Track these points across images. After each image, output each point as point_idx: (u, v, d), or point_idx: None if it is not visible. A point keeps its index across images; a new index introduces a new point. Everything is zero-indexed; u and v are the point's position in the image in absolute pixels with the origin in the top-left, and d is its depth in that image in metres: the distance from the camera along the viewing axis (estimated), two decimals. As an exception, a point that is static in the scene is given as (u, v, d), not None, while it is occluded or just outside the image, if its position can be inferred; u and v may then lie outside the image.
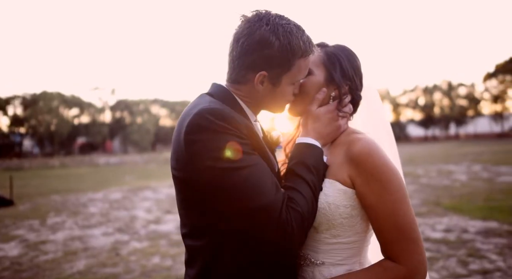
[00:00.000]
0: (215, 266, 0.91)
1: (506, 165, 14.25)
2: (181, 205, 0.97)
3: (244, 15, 0.96)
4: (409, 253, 0.86)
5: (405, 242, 0.87)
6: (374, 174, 0.88)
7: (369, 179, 0.89)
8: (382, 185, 0.88)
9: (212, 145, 0.84)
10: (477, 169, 13.49)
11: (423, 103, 63.59)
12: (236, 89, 1.00)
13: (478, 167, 13.96)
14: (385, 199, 0.87)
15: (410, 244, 0.87)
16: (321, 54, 1.00)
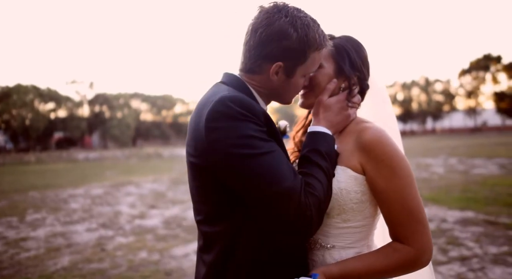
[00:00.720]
0: (233, 251, 0.92)
1: (480, 158, 14.88)
2: (197, 192, 0.99)
3: (262, 6, 0.97)
4: (417, 234, 0.91)
5: (413, 224, 0.91)
6: (384, 161, 0.92)
7: (379, 166, 0.93)
8: (392, 170, 0.92)
9: (233, 132, 0.86)
10: (453, 162, 14.03)
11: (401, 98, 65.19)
12: (249, 79, 1.01)
13: (454, 160, 14.52)
14: (395, 183, 0.92)
15: (418, 226, 0.91)
16: (330, 47, 1.03)
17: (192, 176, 0.98)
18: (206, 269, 0.96)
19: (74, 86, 53.77)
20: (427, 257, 0.92)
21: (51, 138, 52.26)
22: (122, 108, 54.10)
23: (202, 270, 0.99)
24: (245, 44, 0.99)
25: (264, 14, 0.95)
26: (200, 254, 1.02)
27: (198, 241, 1.04)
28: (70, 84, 53.45)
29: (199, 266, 1.02)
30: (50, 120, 50.00)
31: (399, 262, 0.91)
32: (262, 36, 0.94)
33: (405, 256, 0.91)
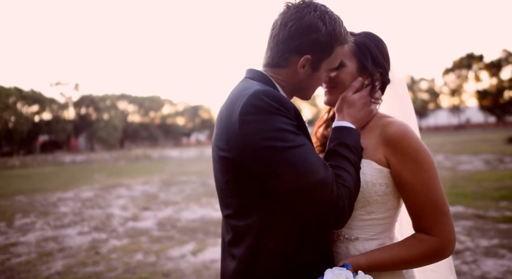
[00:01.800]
0: (264, 244, 0.93)
1: (466, 154, 15.26)
2: (226, 186, 0.99)
3: (289, 2, 1.00)
4: (441, 225, 0.93)
5: (438, 215, 0.94)
6: (410, 154, 0.95)
7: (404, 159, 0.95)
8: (417, 163, 0.94)
9: (267, 125, 0.87)
10: (440, 158, 14.33)
11: (388, 97, 66.06)
12: (274, 74, 1.03)
13: (441, 157, 14.83)
14: (421, 176, 0.94)
15: (443, 217, 0.94)
16: (352, 44, 1.05)
17: (222, 170, 0.98)
18: (237, 262, 0.97)
19: (58, 88, 52.69)
20: (451, 247, 0.94)
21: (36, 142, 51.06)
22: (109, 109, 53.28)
23: (231, 264, 0.99)
24: (273, 38, 1.00)
25: (294, 9, 0.98)
26: (228, 248, 1.02)
27: (225, 236, 1.04)
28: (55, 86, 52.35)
29: (227, 260, 1.02)
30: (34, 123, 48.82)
31: (424, 253, 0.93)
32: (292, 30, 0.96)
33: (431, 247, 0.93)
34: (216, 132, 1.00)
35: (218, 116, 1.03)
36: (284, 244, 0.94)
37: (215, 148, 1.00)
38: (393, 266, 0.95)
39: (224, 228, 1.05)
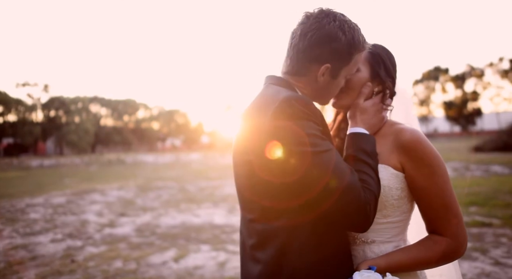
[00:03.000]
0: (291, 247, 0.94)
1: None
2: (252, 191, 0.99)
3: (307, 12, 1.02)
4: (455, 227, 0.98)
5: (451, 218, 0.99)
6: (424, 159, 0.99)
7: (419, 164, 0.99)
8: (432, 169, 0.99)
9: (299, 130, 0.89)
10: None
11: (361, 106, 68.03)
12: (295, 81, 1.05)
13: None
14: (435, 181, 0.99)
15: (456, 220, 0.99)
16: (366, 52, 1.09)
17: (248, 174, 0.99)
18: (262, 266, 0.97)
19: (26, 89, 50.23)
20: (464, 248, 0.99)
21: (-1, 144, 48.25)
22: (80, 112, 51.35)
23: (255, 268, 0.99)
24: (293, 47, 1.03)
25: (314, 19, 1.00)
26: (252, 252, 1.01)
27: (247, 240, 1.04)
28: (21, 87, 49.87)
29: (249, 264, 1.02)
30: (-3, 125, 46.18)
31: (440, 254, 0.98)
32: (312, 39, 0.99)
33: (446, 248, 0.98)
34: (241, 138, 1.01)
35: (243, 123, 1.03)
36: (310, 247, 0.96)
37: (241, 153, 1.01)
38: (410, 267, 0.99)
39: (246, 232, 1.05)
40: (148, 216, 7.30)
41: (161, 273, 4.12)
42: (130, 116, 58.60)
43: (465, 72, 62.37)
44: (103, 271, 4.24)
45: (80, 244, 5.47)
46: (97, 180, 15.02)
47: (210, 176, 14.76)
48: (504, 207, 6.53)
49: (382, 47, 1.14)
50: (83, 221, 7.07)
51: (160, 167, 22.13)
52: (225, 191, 10.40)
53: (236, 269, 4.15)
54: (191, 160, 28.06)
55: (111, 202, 9.15)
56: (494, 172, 11.94)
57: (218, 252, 4.79)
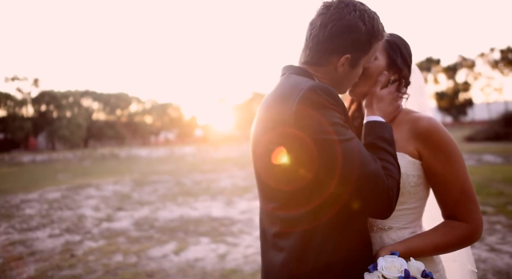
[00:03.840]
0: (315, 234, 0.96)
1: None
2: (276, 179, 0.99)
3: (326, 2, 1.01)
4: (472, 212, 1.00)
5: (468, 203, 1.00)
6: (441, 146, 1.01)
7: (436, 151, 1.01)
8: (448, 155, 1.00)
9: (323, 119, 0.90)
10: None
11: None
12: (314, 71, 1.05)
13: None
14: (452, 167, 1.00)
15: (473, 205, 1.01)
16: (383, 41, 1.09)
17: (270, 162, 0.98)
18: (286, 254, 0.98)
19: (15, 83, 49.31)
20: (480, 232, 1.01)
21: (-11, 140, 47.50)
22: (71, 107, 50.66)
23: (278, 257, 1.00)
24: (312, 38, 1.02)
25: (334, 9, 0.99)
26: (274, 240, 1.02)
27: (269, 229, 1.04)
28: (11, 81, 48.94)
29: (271, 253, 1.03)
30: (-13, 120, 45.40)
31: (458, 238, 1.00)
32: (332, 30, 0.99)
33: (463, 232, 1.00)
34: (263, 127, 1.01)
35: (264, 112, 1.03)
36: (333, 235, 0.97)
37: (264, 142, 1.00)
38: (428, 252, 1.01)
39: (268, 221, 1.05)
40: (145, 210, 7.29)
41: (162, 266, 4.13)
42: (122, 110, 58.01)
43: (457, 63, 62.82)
44: (104, 265, 4.24)
45: (79, 238, 5.45)
46: (91, 175, 14.91)
47: (205, 169, 14.75)
48: (498, 196, 6.66)
49: (399, 36, 1.14)
50: (80, 215, 7.03)
51: (155, 161, 22.04)
52: (221, 184, 10.42)
53: (237, 260, 4.18)
54: (185, 153, 27.97)
55: (107, 197, 9.11)
56: (486, 161, 12.13)
57: (218, 244, 4.82)
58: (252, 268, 3.92)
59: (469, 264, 1.25)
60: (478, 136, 22.37)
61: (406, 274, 0.89)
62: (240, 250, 4.54)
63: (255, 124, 1.08)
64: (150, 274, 3.92)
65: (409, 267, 0.92)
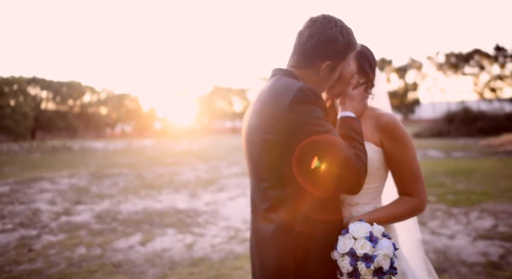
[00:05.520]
0: (299, 208, 1.15)
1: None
2: (267, 163, 1.17)
3: (312, 17, 1.23)
4: (420, 189, 1.27)
5: (418, 183, 1.27)
6: (398, 138, 1.26)
7: (394, 141, 1.26)
8: (404, 145, 1.26)
9: (310, 114, 1.10)
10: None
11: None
12: (300, 73, 1.25)
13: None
14: (406, 154, 1.26)
15: (421, 184, 1.27)
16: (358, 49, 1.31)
17: (265, 150, 1.17)
18: (275, 225, 1.17)
19: (-52, 67, 44.25)
20: (425, 205, 1.29)
21: None
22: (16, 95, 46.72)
23: (268, 227, 1.19)
24: (300, 46, 1.24)
25: (319, 23, 1.21)
26: (265, 214, 1.20)
27: (260, 205, 1.23)
28: None
29: (262, 225, 1.21)
30: None
31: (409, 210, 1.26)
32: (318, 41, 1.21)
33: (414, 205, 1.26)
34: (259, 119, 1.19)
35: (259, 106, 1.21)
36: (315, 208, 1.16)
37: (258, 132, 1.18)
38: (387, 221, 1.26)
39: (260, 198, 1.23)
40: (106, 203, 7.12)
41: (129, 257, 4.14)
42: (75, 100, 54.59)
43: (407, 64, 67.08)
44: (67, 258, 4.16)
45: (35, 233, 5.23)
46: (42, 168, 14.04)
47: (167, 162, 14.54)
48: (439, 186, 7.41)
49: (367, 47, 1.39)
50: (34, 210, 6.69)
51: (112, 154, 21.19)
52: (184, 177, 10.39)
53: (205, 249, 4.31)
54: (144, 146, 27.16)
55: (63, 190, 8.71)
56: (430, 156, 13.29)
57: (184, 235, 4.90)
58: (220, 256, 4.07)
59: (416, 233, 1.52)
60: (424, 133, 24.27)
61: (371, 234, 1.12)
62: (207, 240, 4.66)
63: (250, 117, 1.26)
64: (117, 264, 3.92)
65: (373, 229, 1.15)
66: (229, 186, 8.62)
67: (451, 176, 8.59)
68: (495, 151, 14.07)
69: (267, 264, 1.20)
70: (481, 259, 3.60)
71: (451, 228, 4.70)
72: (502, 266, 3.40)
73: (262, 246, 1.22)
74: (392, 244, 1.13)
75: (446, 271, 3.37)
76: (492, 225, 4.73)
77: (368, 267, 1.08)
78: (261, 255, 1.23)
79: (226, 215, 5.92)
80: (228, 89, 63.18)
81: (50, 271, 3.80)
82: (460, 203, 5.97)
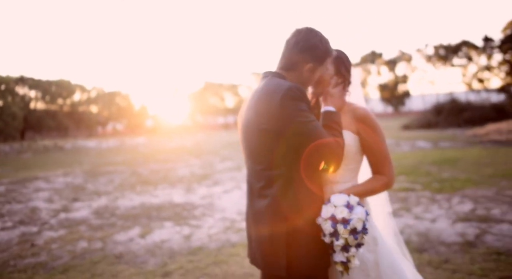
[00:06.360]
0: (289, 185, 1.39)
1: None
2: (262, 148, 1.42)
3: (298, 28, 1.50)
4: (389, 169, 1.55)
5: (387, 163, 1.56)
6: (371, 127, 1.55)
7: (368, 130, 1.54)
8: (376, 133, 1.54)
9: (298, 108, 1.36)
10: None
11: (305, 88, 70.69)
12: (287, 75, 1.51)
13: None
14: (377, 140, 1.54)
15: (389, 164, 1.56)
16: (332, 56, 1.57)
17: (261, 138, 1.42)
18: (269, 199, 1.41)
19: None
20: (393, 181, 1.56)
21: None
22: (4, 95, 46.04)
23: (263, 202, 1.43)
24: (288, 51, 1.52)
25: (303, 33, 1.49)
26: (260, 191, 1.45)
27: (256, 184, 1.47)
28: None
29: (257, 201, 1.46)
30: None
31: (380, 185, 1.55)
32: (302, 47, 1.49)
33: (384, 182, 1.55)
34: (254, 113, 1.44)
35: (255, 102, 1.45)
36: (302, 185, 1.41)
37: (255, 122, 1.43)
38: (363, 195, 1.52)
39: (256, 178, 1.47)
40: (104, 199, 7.27)
41: (130, 249, 4.33)
42: (64, 99, 53.99)
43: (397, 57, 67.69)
44: (69, 252, 4.33)
45: (36, 229, 5.38)
46: (35, 168, 14.06)
47: (161, 159, 14.67)
48: (425, 175, 7.73)
49: (342, 52, 1.65)
50: (32, 208, 6.82)
51: (105, 152, 21.21)
52: (179, 172, 10.56)
53: (202, 239, 4.52)
54: (137, 144, 27.17)
55: (59, 189, 8.83)
56: (418, 146, 13.66)
57: (181, 227, 5.11)
58: (217, 245, 4.29)
59: (386, 207, 1.77)
60: (413, 125, 24.74)
61: (348, 203, 1.39)
62: (204, 231, 4.88)
63: (246, 111, 1.51)
64: (119, 255, 4.11)
65: (350, 199, 1.41)
66: (224, 180, 8.83)
67: (437, 165, 8.93)
68: (480, 140, 14.51)
69: (262, 232, 1.43)
70: (459, 239, 3.89)
71: (434, 212, 4.99)
72: (477, 245, 3.69)
73: (258, 218, 1.46)
74: (364, 210, 1.40)
75: (426, 251, 3.64)
76: (471, 208, 5.04)
77: (345, 228, 1.35)
78: (257, 227, 1.47)
79: (222, 207, 6.14)
80: (219, 84, 63.09)
81: (54, 264, 3.97)
82: (444, 190, 6.28)
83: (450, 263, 3.32)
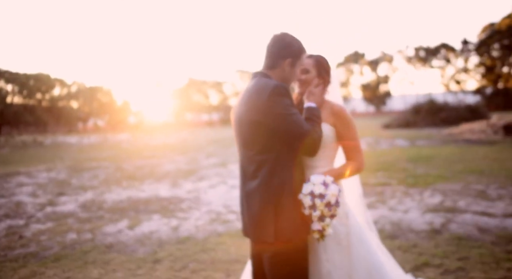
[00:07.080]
0: (277, 167, 1.66)
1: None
2: (253, 137, 1.67)
3: (276, 33, 1.77)
4: (359, 156, 1.85)
5: (358, 151, 1.85)
6: (345, 120, 1.84)
7: (342, 123, 1.83)
8: (349, 126, 1.84)
9: (283, 102, 1.62)
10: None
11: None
12: (271, 73, 1.77)
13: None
14: (350, 131, 1.83)
15: (360, 152, 1.85)
16: (312, 61, 1.88)
17: (252, 128, 1.67)
18: (260, 179, 1.67)
19: None
20: (363, 166, 1.85)
21: None
22: (-21, 88, 44.33)
23: (254, 182, 1.69)
24: (269, 52, 1.78)
25: (280, 36, 1.77)
26: (252, 174, 1.70)
27: (248, 168, 1.72)
28: None
29: (249, 182, 1.71)
30: None
31: (354, 169, 1.83)
32: (280, 46, 1.76)
33: (355, 166, 1.83)
34: (246, 107, 1.70)
35: (246, 98, 1.70)
36: (287, 167, 1.67)
37: (247, 115, 1.68)
38: (337, 177, 1.79)
39: (247, 162, 1.73)
40: (90, 194, 7.34)
41: (119, 239, 4.49)
42: (43, 93, 52.48)
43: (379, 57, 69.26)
44: (59, 243, 4.45)
45: (23, 222, 5.44)
46: (15, 163, 13.82)
47: (145, 155, 14.68)
48: (401, 171, 8.16)
49: (322, 56, 1.93)
50: (17, 202, 6.82)
51: (87, 148, 20.93)
52: (164, 168, 10.66)
53: (190, 230, 4.72)
54: (120, 140, 26.87)
55: (43, 183, 8.79)
56: (397, 145, 14.23)
57: (169, 219, 5.29)
58: (204, 235, 4.50)
59: (358, 189, 2.09)
60: (393, 124, 25.56)
61: (324, 182, 1.67)
62: (191, 222, 5.08)
63: (239, 106, 1.76)
64: (109, 245, 4.27)
65: (326, 179, 1.69)
66: (209, 175, 9.02)
67: (413, 162, 9.41)
68: (455, 139, 15.25)
69: (254, 209, 1.69)
70: (427, 227, 4.26)
71: (407, 204, 5.37)
72: (442, 232, 4.07)
73: (250, 197, 1.71)
74: (337, 188, 1.68)
75: (397, 238, 3.99)
76: (440, 201, 5.46)
77: (322, 201, 1.64)
78: (249, 204, 1.72)
79: (208, 201, 6.34)
80: (203, 81, 62.82)
81: (45, 253, 4.09)
82: (417, 184, 6.70)
83: (417, 247, 3.67)
